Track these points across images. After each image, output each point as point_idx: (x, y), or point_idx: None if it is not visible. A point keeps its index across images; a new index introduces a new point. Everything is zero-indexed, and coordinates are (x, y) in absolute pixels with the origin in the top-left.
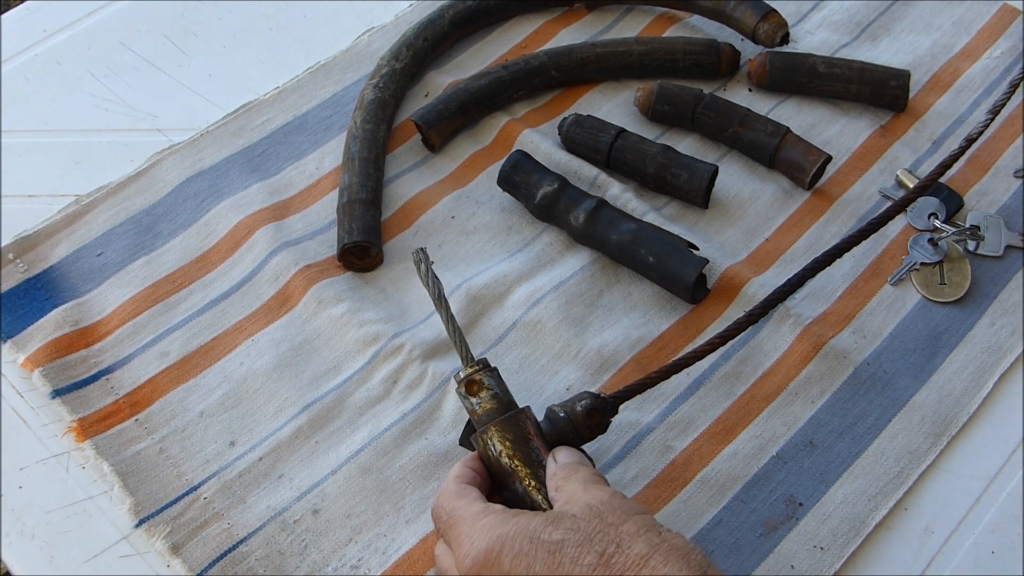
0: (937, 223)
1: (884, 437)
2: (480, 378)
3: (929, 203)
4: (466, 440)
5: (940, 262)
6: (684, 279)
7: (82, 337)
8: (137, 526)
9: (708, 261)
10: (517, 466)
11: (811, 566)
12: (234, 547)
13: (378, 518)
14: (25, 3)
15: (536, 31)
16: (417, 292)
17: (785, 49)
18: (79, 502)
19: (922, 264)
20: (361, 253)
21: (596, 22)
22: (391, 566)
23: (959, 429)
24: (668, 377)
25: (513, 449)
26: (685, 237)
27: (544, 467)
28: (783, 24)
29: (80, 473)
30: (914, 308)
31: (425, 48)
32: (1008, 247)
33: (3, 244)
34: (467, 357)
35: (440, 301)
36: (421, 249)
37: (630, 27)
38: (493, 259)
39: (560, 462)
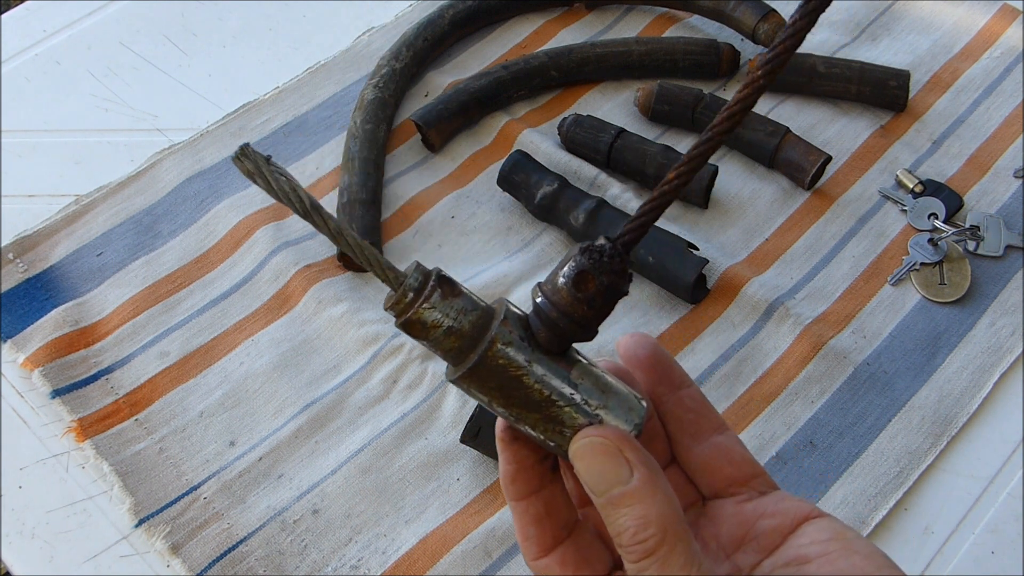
0: (937, 223)
1: (884, 437)
2: (420, 315)
3: (929, 203)
4: (467, 438)
5: (940, 262)
6: (684, 279)
7: (82, 337)
8: (137, 526)
9: (708, 261)
10: (519, 413)
11: None
12: (234, 547)
13: (378, 518)
14: (25, 3)
15: (536, 31)
16: None
17: None
18: (79, 502)
19: (922, 264)
20: None
21: (596, 22)
22: (391, 566)
23: (959, 429)
24: (687, 180)
25: (505, 399)
26: (685, 237)
27: (555, 402)
28: (783, 24)
29: (80, 473)
30: (914, 308)
31: (425, 48)
32: (1008, 247)
33: (3, 244)
34: (390, 278)
35: (313, 211)
36: (243, 148)
37: (630, 27)
38: (493, 259)
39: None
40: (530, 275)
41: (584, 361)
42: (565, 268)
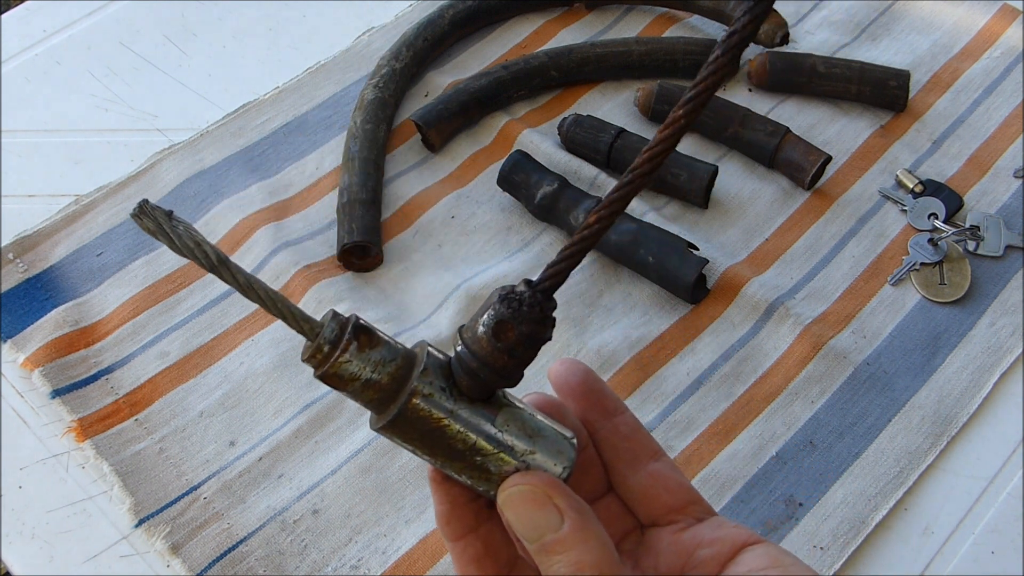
0: (937, 223)
1: (884, 437)
2: (337, 368)
3: (929, 203)
4: None
5: (940, 262)
6: (684, 279)
7: (82, 337)
8: (137, 526)
9: (708, 261)
10: (444, 462)
11: (811, 566)
12: (234, 547)
13: (378, 518)
14: (25, 3)
15: (536, 31)
16: (417, 292)
17: (785, 49)
18: (79, 502)
19: (922, 264)
20: (361, 253)
21: (596, 22)
22: (391, 566)
23: (959, 429)
24: (604, 231)
25: (429, 449)
26: (685, 237)
27: (480, 450)
28: (783, 24)
29: (80, 473)
30: (914, 308)
31: (425, 48)
32: (1008, 247)
33: (3, 244)
34: (305, 330)
35: (221, 265)
36: (142, 206)
37: (630, 27)
38: (493, 259)
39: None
40: (530, 275)
41: (510, 404)
42: (484, 316)
